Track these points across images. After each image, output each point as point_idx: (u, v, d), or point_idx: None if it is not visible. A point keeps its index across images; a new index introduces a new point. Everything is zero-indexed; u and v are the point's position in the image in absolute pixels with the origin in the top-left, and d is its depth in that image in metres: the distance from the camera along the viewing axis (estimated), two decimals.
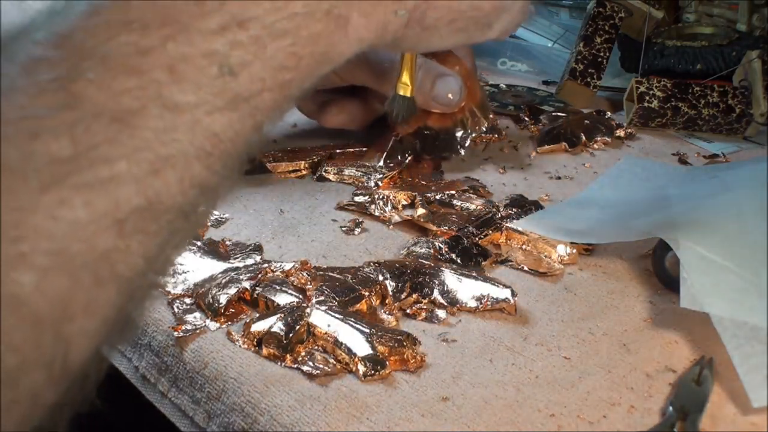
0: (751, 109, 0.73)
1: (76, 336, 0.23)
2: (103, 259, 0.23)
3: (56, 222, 0.22)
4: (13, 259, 0.21)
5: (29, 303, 0.22)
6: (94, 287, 0.23)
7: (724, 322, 0.41)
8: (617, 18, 0.80)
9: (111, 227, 0.23)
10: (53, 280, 0.22)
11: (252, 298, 0.45)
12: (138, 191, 0.23)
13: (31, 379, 0.22)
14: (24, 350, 0.22)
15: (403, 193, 0.58)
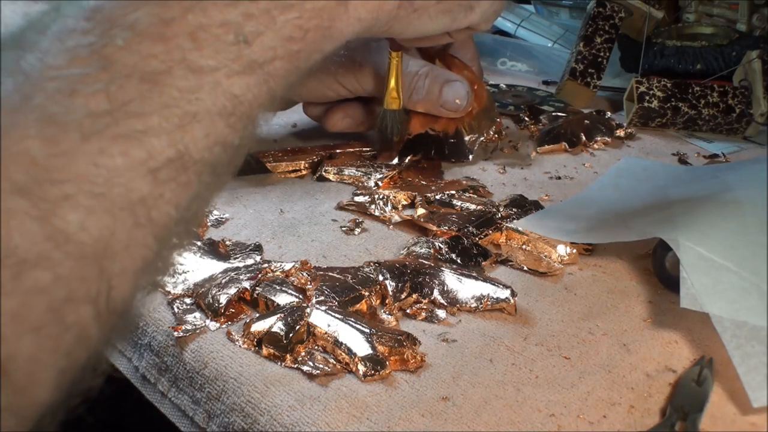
0: (751, 109, 0.73)
1: (118, 274, 0.25)
2: (141, 203, 0.25)
3: (97, 168, 0.24)
4: (60, 199, 0.23)
5: (75, 239, 0.23)
6: (133, 229, 0.25)
7: (724, 322, 0.41)
8: (617, 18, 0.80)
9: (146, 175, 0.25)
10: (96, 220, 0.24)
11: (252, 298, 0.45)
12: (169, 143, 0.26)
13: (79, 313, 0.24)
14: (71, 283, 0.23)
15: (403, 193, 0.58)
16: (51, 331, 0.23)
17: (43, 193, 0.23)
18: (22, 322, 0.22)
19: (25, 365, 0.23)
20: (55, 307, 0.23)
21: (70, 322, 0.24)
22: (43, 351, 0.23)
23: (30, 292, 0.23)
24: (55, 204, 0.23)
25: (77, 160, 0.24)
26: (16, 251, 0.22)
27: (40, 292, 0.23)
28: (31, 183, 0.23)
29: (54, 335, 0.23)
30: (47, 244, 0.23)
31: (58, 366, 0.24)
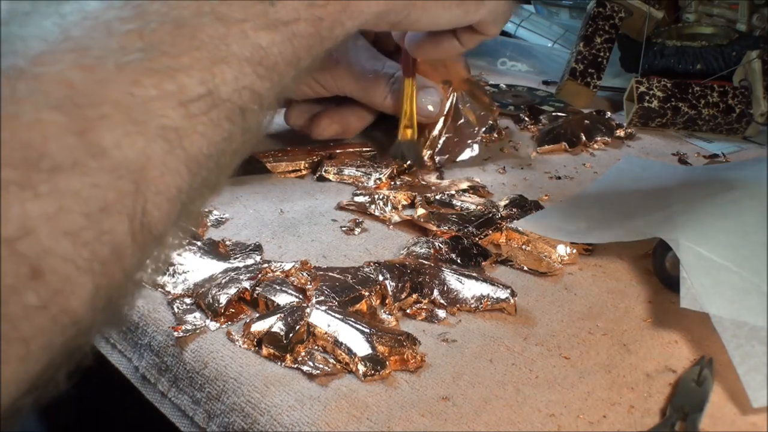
0: (751, 109, 0.73)
1: (153, 197, 0.26)
2: (174, 132, 0.26)
3: (132, 96, 0.25)
4: (97, 118, 0.24)
5: (110, 154, 0.24)
6: (167, 155, 0.26)
7: (724, 322, 0.41)
8: (617, 18, 0.80)
9: (178, 106, 0.26)
10: (132, 141, 0.25)
11: (252, 298, 0.45)
12: (200, 81, 0.27)
13: (114, 224, 0.24)
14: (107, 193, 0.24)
15: (403, 193, 0.58)
16: (87, 236, 0.24)
17: (80, 111, 0.24)
18: (57, 224, 0.23)
19: (61, 266, 0.23)
20: (90, 214, 0.24)
21: (106, 229, 0.24)
22: (80, 256, 0.23)
23: (65, 195, 0.23)
24: (92, 121, 0.24)
25: (112, 87, 0.25)
26: (51, 156, 0.23)
27: (76, 196, 0.23)
28: (68, 102, 0.24)
29: (90, 241, 0.24)
30: (83, 154, 0.24)
31: (94, 277, 0.24)
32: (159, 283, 0.46)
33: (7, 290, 0.22)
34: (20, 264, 0.22)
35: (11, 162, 0.22)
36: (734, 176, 0.56)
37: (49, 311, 0.23)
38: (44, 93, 0.24)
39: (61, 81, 0.24)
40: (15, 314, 0.22)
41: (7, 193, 0.22)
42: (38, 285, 0.22)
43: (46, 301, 0.23)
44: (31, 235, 0.22)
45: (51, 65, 0.24)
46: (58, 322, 0.23)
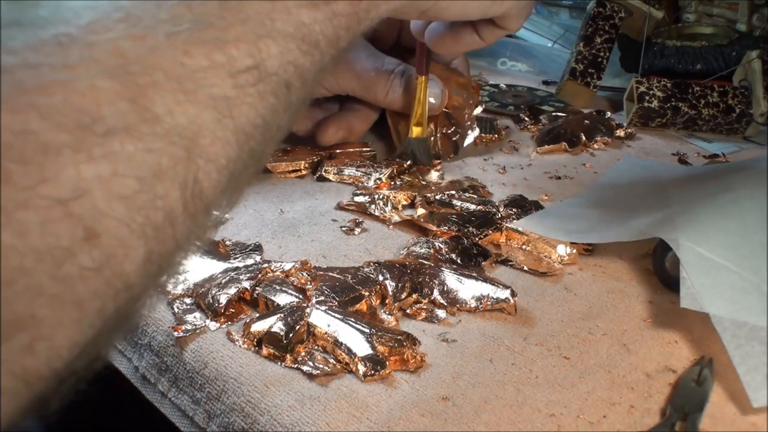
0: (751, 109, 0.73)
1: (204, 165, 0.26)
2: (224, 101, 0.27)
3: (182, 66, 0.26)
4: (149, 85, 0.24)
5: (163, 121, 0.24)
6: (217, 123, 0.26)
7: (724, 322, 0.41)
8: (617, 18, 0.80)
9: (227, 77, 0.27)
10: (183, 108, 0.25)
11: (252, 298, 0.45)
12: (247, 54, 0.27)
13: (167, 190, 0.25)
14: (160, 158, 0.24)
15: (403, 193, 0.58)
16: (141, 200, 0.24)
17: (132, 78, 0.24)
18: (111, 187, 0.23)
19: (115, 229, 0.23)
20: (144, 178, 0.24)
21: (160, 194, 0.24)
22: (133, 220, 0.23)
23: (119, 159, 0.23)
24: (144, 89, 0.24)
25: (163, 56, 0.25)
26: (104, 121, 0.23)
27: (129, 161, 0.23)
28: (121, 69, 0.24)
29: (144, 206, 0.24)
30: (136, 120, 0.24)
31: (147, 242, 0.24)
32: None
33: (63, 252, 0.22)
34: (75, 226, 0.22)
35: (65, 126, 0.22)
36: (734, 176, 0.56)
37: (103, 274, 0.23)
38: (96, 60, 0.24)
39: (114, 49, 0.24)
40: (70, 277, 0.22)
41: (61, 155, 0.22)
42: (93, 247, 0.22)
43: (100, 264, 0.23)
44: (86, 196, 0.22)
45: (103, 33, 0.25)
46: (111, 285, 0.23)
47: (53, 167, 0.22)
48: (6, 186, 0.21)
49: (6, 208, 0.21)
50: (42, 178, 0.21)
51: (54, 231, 0.21)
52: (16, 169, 0.21)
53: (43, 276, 0.21)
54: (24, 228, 0.21)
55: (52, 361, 0.22)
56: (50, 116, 0.22)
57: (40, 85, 0.22)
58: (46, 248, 0.21)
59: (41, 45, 0.24)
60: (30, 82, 0.22)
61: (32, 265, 0.21)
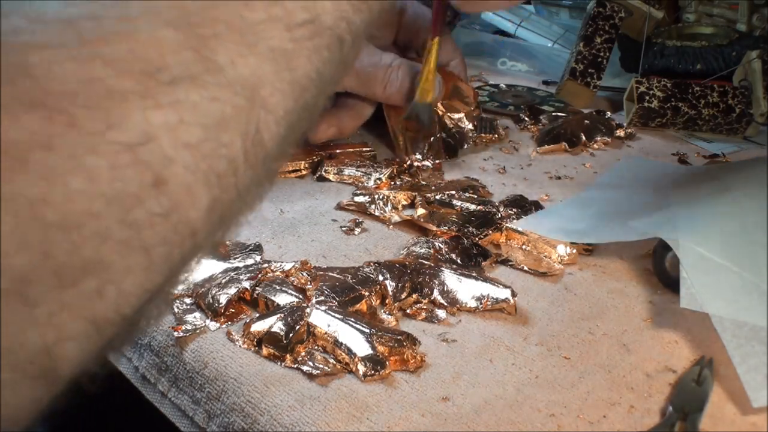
0: (751, 109, 0.73)
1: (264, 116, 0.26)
2: (282, 53, 0.27)
3: (242, 19, 0.26)
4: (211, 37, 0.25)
5: (225, 71, 0.25)
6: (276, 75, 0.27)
7: (724, 322, 0.41)
8: (617, 18, 0.80)
9: (285, 30, 0.27)
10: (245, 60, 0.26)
11: (252, 298, 0.45)
12: (303, 8, 0.28)
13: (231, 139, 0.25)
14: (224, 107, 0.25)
15: (403, 193, 0.58)
16: (205, 148, 0.24)
17: (195, 30, 0.25)
18: (177, 134, 0.23)
19: (182, 175, 0.23)
20: (209, 126, 0.24)
21: (224, 142, 0.25)
22: (198, 167, 0.24)
23: (185, 106, 0.23)
24: (207, 39, 0.25)
25: (223, 9, 0.26)
26: (169, 69, 0.23)
27: (195, 109, 0.24)
28: (183, 21, 0.24)
29: (208, 154, 0.24)
30: (200, 69, 0.24)
31: (211, 189, 0.24)
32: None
33: (131, 197, 0.22)
34: (143, 172, 0.22)
35: (130, 73, 0.22)
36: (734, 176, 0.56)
37: (170, 220, 0.23)
38: (158, 12, 0.24)
39: (174, 2, 0.25)
40: (138, 222, 0.22)
41: (127, 101, 0.22)
42: (160, 193, 0.23)
43: (167, 210, 0.23)
44: (153, 142, 0.22)
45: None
46: (178, 231, 0.24)
47: (120, 112, 0.22)
48: (75, 131, 0.21)
49: (76, 153, 0.21)
50: (109, 123, 0.22)
51: (123, 176, 0.22)
52: (82, 114, 0.21)
53: (112, 221, 0.21)
54: (93, 172, 0.21)
55: (121, 307, 0.22)
56: (115, 64, 0.22)
57: (103, 36, 0.23)
58: (115, 193, 0.21)
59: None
60: (92, 33, 0.23)
61: (101, 209, 0.21)
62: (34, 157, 0.20)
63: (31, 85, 0.21)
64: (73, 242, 0.21)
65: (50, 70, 0.21)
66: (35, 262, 0.20)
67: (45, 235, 0.20)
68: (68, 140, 0.21)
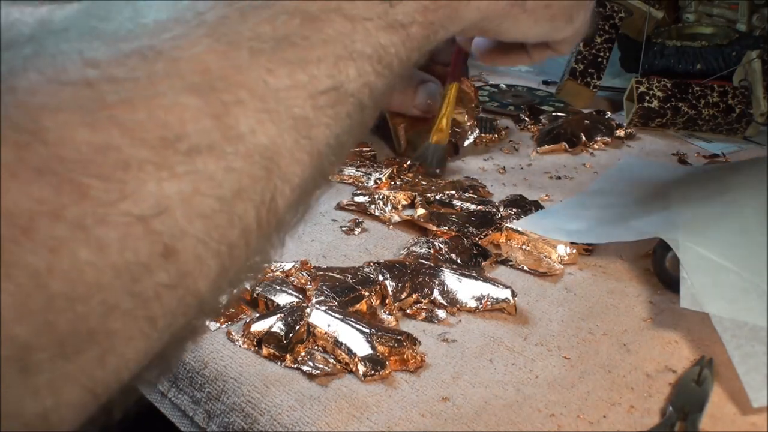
0: (751, 109, 0.73)
1: (281, 185, 0.26)
2: (303, 121, 0.27)
3: (266, 84, 0.26)
4: (233, 103, 0.24)
5: (245, 139, 0.25)
6: (296, 143, 0.26)
7: (724, 322, 0.41)
8: (617, 18, 0.80)
9: (308, 98, 0.27)
10: (265, 128, 0.25)
11: (252, 298, 0.45)
12: (328, 74, 0.27)
13: (246, 209, 0.25)
14: (241, 178, 0.24)
15: (403, 193, 0.58)
16: (219, 219, 0.24)
17: (217, 95, 0.24)
18: (192, 206, 0.23)
19: (193, 247, 0.23)
20: (224, 198, 0.24)
21: (238, 214, 0.24)
22: (211, 238, 0.24)
23: (201, 176, 0.23)
24: (228, 106, 0.24)
25: (247, 74, 0.25)
26: (188, 138, 0.23)
27: (211, 179, 0.23)
28: (205, 86, 0.24)
29: (221, 224, 0.24)
30: (220, 138, 0.24)
31: (221, 260, 0.24)
32: None
33: (140, 268, 0.22)
34: (154, 243, 0.22)
35: (148, 142, 0.22)
36: (734, 176, 0.56)
37: (177, 291, 0.23)
38: (181, 76, 0.24)
39: (198, 65, 0.24)
40: (145, 292, 0.22)
41: (143, 172, 0.22)
42: (170, 264, 0.23)
43: (176, 281, 0.23)
44: (167, 213, 0.22)
45: (188, 49, 0.24)
46: (184, 302, 0.23)
47: (135, 183, 0.22)
48: (86, 201, 0.21)
49: (85, 224, 0.21)
50: (123, 194, 0.21)
51: (133, 247, 0.21)
52: (95, 185, 0.21)
53: (120, 292, 0.21)
54: (102, 244, 0.21)
55: (121, 373, 0.22)
56: (133, 132, 0.22)
57: (123, 100, 0.22)
58: (124, 264, 0.21)
59: (125, 58, 0.23)
60: (112, 97, 0.22)
61: (109, 281, 0.21)
62: (40, 226, 0.20)
63: (43, 151, 0.20)
64: (78, 313, 0.21)
65: (63, 136, 0.21)
66: (38, 332, 0.20)
67: (49, 304, 0.20)
68: (78, 210, 0.21)
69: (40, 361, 0.20)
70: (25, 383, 0.20)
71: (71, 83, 0.22)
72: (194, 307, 0.24)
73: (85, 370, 0.21)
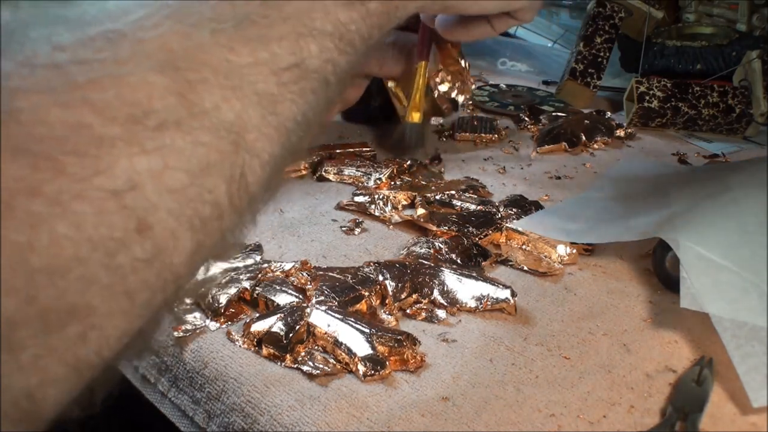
0: (751, 109, 0.73)
1: (249, 160, 0.26)
2: (267, 98, 0.27)
3: (228, 63, 0.26)
4: (197, 81, 0.25)
5: (211, 115, 0.25)
6: (262, 119, 0.27)
7: (724, 322, 0.41)
8: (617, 18, 0.80)
9: (271, 75, 0.27)
10: (230, 104, 0.26)
11: (252, 298, 0.45)
12: (289, 51, 0.28)
13: (215, 184, 0.25)
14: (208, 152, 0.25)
15: (403, 193, 0.58)
16: (190, 193, 0.24)
17: (181, 74, 0.25)
18: (162, 180, 0.23)
19: (166, 221, 0.23)
20: (194, 172, 0.24)
21: (208, 188, 0.25)
22: (183, 213, 0.24)
23: (170, 151, 0.24)
24: (193, 84, 0.25)
25: (209, 53, 0.26)
26: (156, 114, 0.23)
27: (179, 153, 0.24)
28: (170, 65, 0.25)
29: (193, 199, 0.24)
30: (186, 114, 0.24)
31: (195, 234, 0.25)
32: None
33: (116, 243, 0.22)
34: (128, 218, 0.22)
35: (117, 119, 0.23)
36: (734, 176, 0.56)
37: (153, 266, 0.23)
38: (146, 56, 0.24)
39: (162, 45, 0.25)
40: (122, 267, 0.22)
41: (113, 147, 0.22)
42: (144, 239, 0.23)
43: (151, 255, 0.23)
44: (138, 189, 0.23)
45: (151, 30, 0.25)
46: (161, 277, 0.24)
47: (108, 159, 0.22)
48: (61, 178, 0.21)
49: (62, 200, 0.21)
50: (97, 170, 0.22)
51: (108, 222, 0.22)
52: (71, 161, 0.21)
53: (97, 266, 0.22)
54: (79, 219, 0.21)
55: (102, 350, 0.23)
56: (103, 110, 0.22)
57: (91, 80, 0.23)
58: (100, 239, 0.22)
59: (91, 41, 0.24)
60: (81, 77, 0.23)
61: (87, 255, 0.21)
62: (19, 203, 0.20)
63: (18, 131, 0.21)
64: (59, 287, 0.21)
65: (37, 116, 0.21)
66: (21, 308, 0.20)
67: (31, 280, 0.20)
68: (54, 186, 0.21)
69: (24, 337, 0.20)
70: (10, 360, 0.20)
71: (42, 66, 0.23)
72: (171, 282, 0.24)
73: (68, 346, 0.22)
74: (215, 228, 0.26)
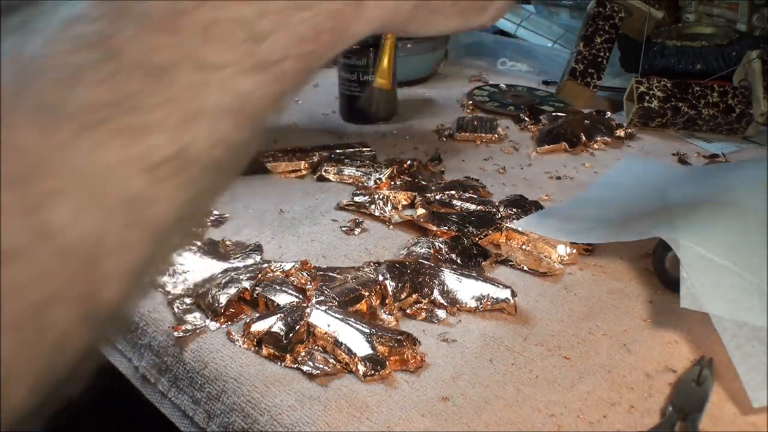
0: (751, 109, 0.73)
1: (108, 274, 0.24)
2: (135, 202, 0.24)
3: (92, 163, 0.23)
4: (50, 193, 0.22)
5: (62, 236, 0.23)
6: (125, 230, 0.24)
7: (724, 322, 0.41)
8: (617, 18, 0.80)
9: (143, 172, 0.24)
10: (86, 217, 0.23)
11: (252, 298, 0.45)
12: (170, 140, 0.25)
13: (62, 313, 0.23)
14: (55, 281, 0.23)
15: (403, 193, 0.58)
16: (29, 331, 0.22)
17: (33, 185, 0.22)
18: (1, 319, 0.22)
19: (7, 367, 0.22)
20: (35, 306, 0.22)
21: (52, 322, 0.23)
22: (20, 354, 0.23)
23: (9, 287, 0.22)
24: (44, 198, 0.22)
25: (72, 153, 0.23)
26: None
27: (20, 289, 0.22)
28: (21, 175, 0.22)
29: (33, 336, 0.23)
30: (30, 239, 0.22)
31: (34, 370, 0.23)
32: (159, 283, 0.46)
33: None
34: None
35: None
36: (734, 176, 0.56)
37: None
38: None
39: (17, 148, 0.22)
40: None
41: None
42: None
43: None
44: None
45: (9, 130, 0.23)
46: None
47: None
48: None
49: None
50: None
51: None
52: None
53: None
54: None
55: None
56: None
57: None
58: None
59: None
60: None
61: None
62: None
63: None
64: None
65: None
66: None
67: None
68: None
69: None
70: None
71: None
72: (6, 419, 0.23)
73: None
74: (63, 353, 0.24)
